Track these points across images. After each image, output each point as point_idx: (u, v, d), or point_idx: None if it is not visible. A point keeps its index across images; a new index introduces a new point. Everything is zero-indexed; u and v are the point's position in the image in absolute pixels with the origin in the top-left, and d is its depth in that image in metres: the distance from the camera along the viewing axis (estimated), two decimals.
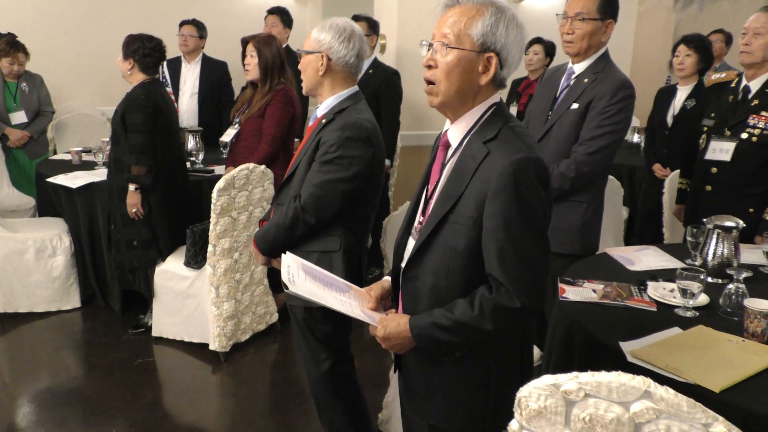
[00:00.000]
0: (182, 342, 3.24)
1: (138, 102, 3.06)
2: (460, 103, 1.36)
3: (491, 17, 1.30)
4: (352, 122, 1.94)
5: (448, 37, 1.32)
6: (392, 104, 3.88)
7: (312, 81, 2.02)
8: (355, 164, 1.93)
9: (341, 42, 1.97)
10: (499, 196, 1.25)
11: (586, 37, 2.28)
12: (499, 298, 1.27)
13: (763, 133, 2.50)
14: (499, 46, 1.31)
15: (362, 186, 1.98)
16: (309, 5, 6.13)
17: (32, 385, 2.90)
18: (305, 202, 1.95)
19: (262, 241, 2.06)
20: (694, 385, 1.38)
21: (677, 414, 0.96)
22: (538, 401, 1.04)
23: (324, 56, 1.97)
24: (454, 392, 1.41)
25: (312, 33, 2.00)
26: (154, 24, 5.08)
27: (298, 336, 2.12)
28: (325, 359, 2.09)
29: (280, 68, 3.26)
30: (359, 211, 2.04)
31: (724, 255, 2.04)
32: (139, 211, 3.14)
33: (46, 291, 3.53)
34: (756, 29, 2.50)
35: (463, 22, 1.31)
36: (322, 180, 1.93)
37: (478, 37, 1.30)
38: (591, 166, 2.26)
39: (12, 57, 4.16)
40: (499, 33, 1.30)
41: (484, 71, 1.33)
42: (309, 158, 1.99)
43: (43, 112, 4.42)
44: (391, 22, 4.33)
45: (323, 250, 1.99)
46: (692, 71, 3.67)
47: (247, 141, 3.32)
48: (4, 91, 4.25)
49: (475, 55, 1.31)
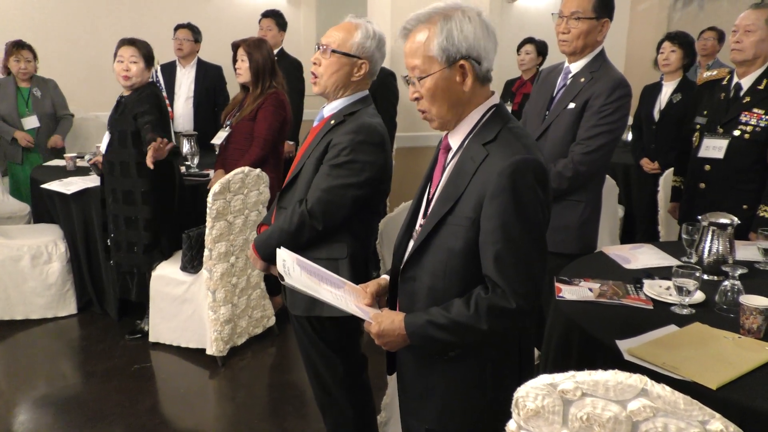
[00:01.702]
0: (179, 347, 3.23)
1: (153, 98, 3.07)
2: (456, 116, 1.37)
3: (441, 31, 1.29)
4: (366, 126, 1.87)
5: (417, 67, 1.32)
6: (389, 105, 3.88)
7: (341, 82, 1.92)
8: (368, 169, 1.87)
9: (380, 51, 1.95)
10: (496, 197, 1.25)
11: (582, 36, 2.28)
12: (494, 298, 1.27)
13: (756, 130, 2.51)
14: (464, 50, 1.30)
15: (372, 192, 1.92)
16: (303, 7, 6.14)
17: (29, 393, 2.89)
18: (313, 207, 1.87)
19: (263, 247, 1.98)
20: (691, 382, 1.38)
21: (674, 412, 0.96)
22: (536, 401, 1.04)
23: (366, 63, 1.92)
24: (450, 394, 1.41)
25: (355, 36, 1.90)
26: (148, 28, 5.08)
27: (306, 346, 2.04)
28: (339, 364, 2.04)
29: (271, 72, 3.26)
30: (366, 217, 1.98)
31: (719, 252, 2.05)
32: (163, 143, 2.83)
33: (42, 298, 3.52)
34: (746, 26, 2.51)
35: (421, 48, 1.31)
36: (331, 185, 1.86)
37: (440, 54, 1.30)
38: (588, 166, 2.27)
39: (17, 54, 4.17)
40: (456, 39, 1.29)
41: (462, 80, 1.32)
42: (316, 160, 1.91)
43: (63, 116, 4.43)
44: (385, 24, 4.33)
45: (329, 257, 1.91)
46: (677, 66, 3.74)
47: (238, 144, 3.32)
48: (17, 96, 4.27)
49: (447, 71, 1.31)
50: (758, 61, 2.55)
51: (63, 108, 4.44)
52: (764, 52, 2.53)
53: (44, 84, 4.36)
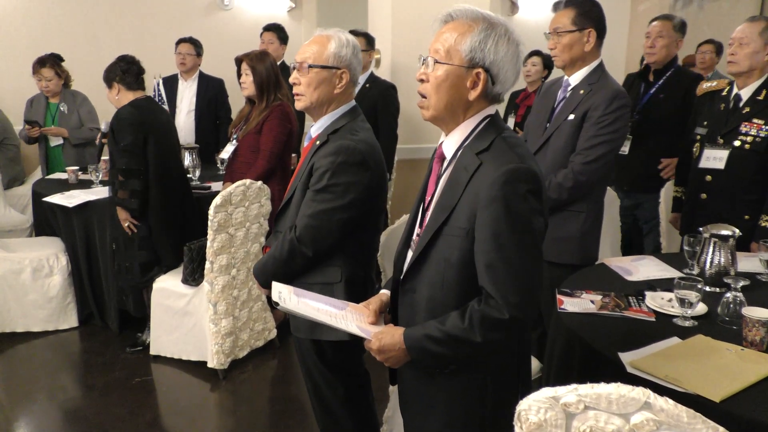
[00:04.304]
0: (180, 360, 3.22)
1: (126, 121, 3.05)
2: (451, 117, 1.37)
3: (480, 33, 1.31)
4: (345, 146, 1.82)
5: (439, 52, 1.33)
6: (390, 118, 3.90)
7: (325, 97, 1.88)
8: (351, 191, 1.82)
9: (357, 58, 1.91)
10: (488, 207, 1.25)
11: (566, 49, 2.35)
12: (487, 309, 1.26)
13: (756, 141, 2.52)
14: (488, 62, 1.31)
15: (361, 212, 1.87)
16: (303, 21, 6.18)
17: (29, 407, 2.88)
18: (301, 234, 1.84)
19: (261, 274, 1.96)
20: (694, 395, 1.38)
21: (677, 425, 0.95)
22: (538, 414, 1.03)
23: (346, 73, 1.88)
24: (451, 407, 1.40)
25: (329, 47, 1.86)
26: (150, 43, 5.13)
27: (309, 367, 2.02)
28: (341, 386, 2.02)
29: (275, 84, 3.28)
30: (361, 237, 1.93)
31: (721, 264, 2.05)
32: (131, 225, 3.13)
33: (43, 310, 3.51)
34: (741, 39, 2.55)
35: (454, 38, 1.32)
36: (316, 210, 1.83)
37: (467, 53, 1.31)
38: (588, 176, 2.28)
39: (38, 74, 4.18)
40: (487, 49, 1.31)
41: (472, 86, 1.33)
42: (304, 185, 1.89)
43: (90, 129, 4.35)
44: (386, 37, 4.36)
45: (324, 282, 1.88)
46: None
47: (244, 157, 3.33)
48: (45, 112, 4.29)
49: (463, 70, 1.32)
50: (756, 72, 2.57)
51: (91, 122, 4.37)
52: (759, 63, 2.55)
53: (72, 98, 4.33)
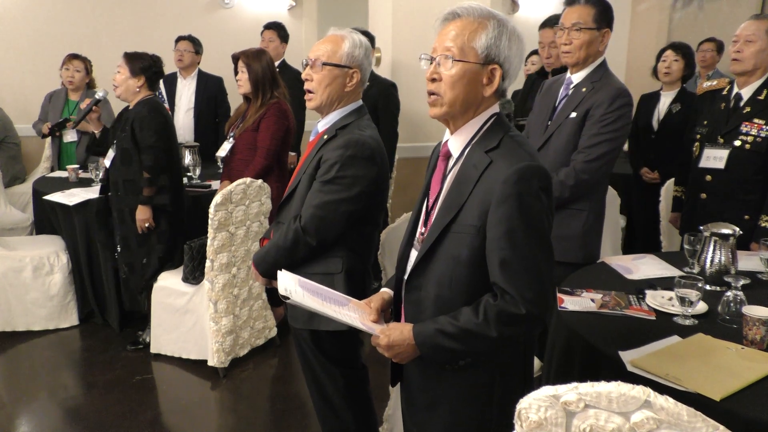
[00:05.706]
0: (181, 358, 3.22)
1: (152, 121, 3.07)
2: (463, 114, 1.38)
3: (494, 30, 1.32)
4: (355, 140, 1.88)
5: (451, 50, 1.33)
6: (391, 116, 3.89)
7: (335, 95, 1.93)
8: (358, 184, 1.88)
9: (368, 59, 1.96)
10: (502, 204, 1.26)
11: (584, 46, 2.31)
12: (503, 304, 1.27)
13: (756, 140, 2.52)
14: (503, 58, 1.34)
15: (366, 206, 1.92)
16: (304, 19, 6.18)
17: (30, 405, 2.88)
18: (306, 224, 1.89)
19: (261, 263, 2.00)
20: (695, 393, 1.38)
21: (678, 423, 0.95)
22: (539, 413, 1.03)
23: (357, 72, 1.93)
24: (457, 405, 1.40)
25: (343, 46, 1.91)
26: (149, 40, 5.12)
27: (308, 358, 2.05)
28: (340, 377, 2.04)
29: (271, 82, 3.27)
30: (362, 230, 1.98)
31: (721, 262, 2.05)
32: (151, 224, 3.13)
33: (43, 309, 3.52)
34: (747, 36, 2.52)
35: (466, 35, 1.33)
36: (323, 200, 1.88)
37: (483, 50, 1.32)
38: (590, 174, 2.28)
39: (67, 64, 4.20)
40: (502, 45, 1.33)
41: (488, 83, 1.35)
42: (310, 176, 1.94)
43: None
44: (386, 35, 4.35)
45: (325, 272, 1.93)
46: (678, 77, 3.77)
47: (241, 154, 3.33)
48: (63, 107, 4.30)
49: (479, 67, 1.33)
50: (758, 71, 2.56)
51: (109, 122, 4.33)
52: (764, 62, 2.54)
53: (92, 96, 4.34)
